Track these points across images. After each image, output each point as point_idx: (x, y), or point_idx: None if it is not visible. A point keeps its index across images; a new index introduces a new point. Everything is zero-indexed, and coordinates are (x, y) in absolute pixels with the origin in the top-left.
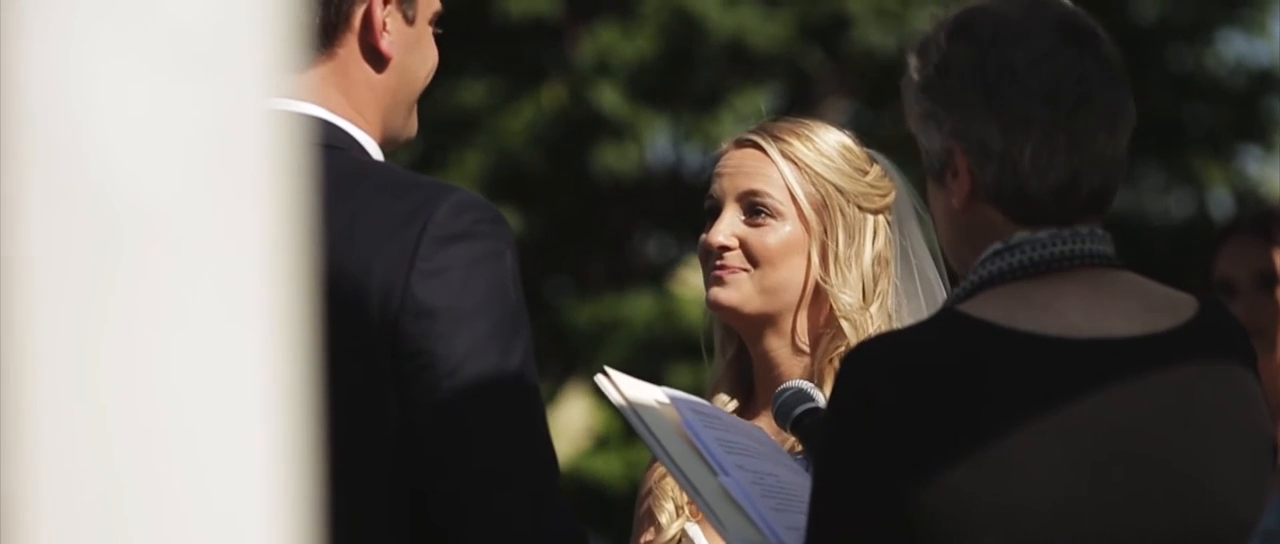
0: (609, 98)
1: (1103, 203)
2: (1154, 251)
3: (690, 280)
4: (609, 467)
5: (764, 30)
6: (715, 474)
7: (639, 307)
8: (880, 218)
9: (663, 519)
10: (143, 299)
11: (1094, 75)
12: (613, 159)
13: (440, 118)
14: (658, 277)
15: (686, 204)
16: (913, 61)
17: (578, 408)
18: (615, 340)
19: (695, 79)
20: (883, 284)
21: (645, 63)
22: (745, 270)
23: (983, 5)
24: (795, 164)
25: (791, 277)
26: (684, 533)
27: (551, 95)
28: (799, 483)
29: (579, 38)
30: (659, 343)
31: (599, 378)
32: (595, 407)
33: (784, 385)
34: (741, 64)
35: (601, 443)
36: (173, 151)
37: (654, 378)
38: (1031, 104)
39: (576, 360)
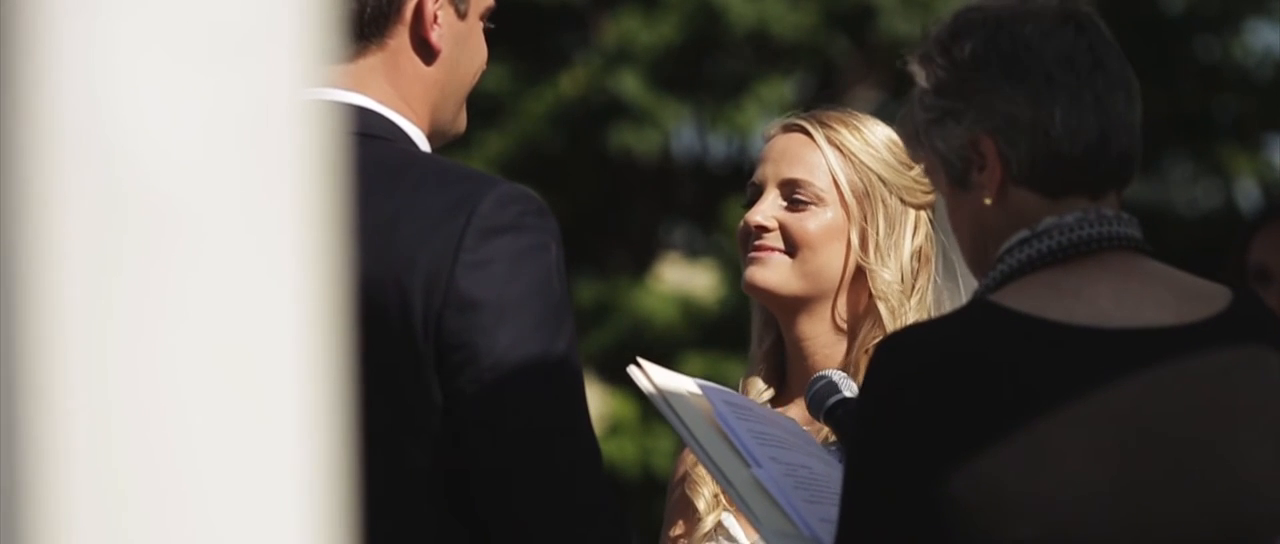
0: (630, 84)
1: (1128, 170)
2: (1181, 242)
3: (666, 276)
4: (623, 451)
5: (789, 19)
6: (747, 465)
7: (627, 296)
8: (922, 214)
9: (700, 506)
10: (176, 292)
11: (1099, 46)
12: (631, 140)
13: None
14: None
15: (711, 193)
16: (918, 71)
17: (590, 393)
18: (611, 325)
19: (719, 67)
20: (922, 280)
21: (668, 50)
22: (784, 253)
23: (975, 4)
24: (840, 151)
25: (830, 261)
26: (720, 524)
27: (572, 81)
28: (831, 475)
29: (602, 24)
30: (638, 334)
31: (631, 368)
32: (608, 391)
33: (817, 375)
34: (767, 52)
35: (615, 428)
36: (207, 145)
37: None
38: (1053, 69)
39: (580, 342)
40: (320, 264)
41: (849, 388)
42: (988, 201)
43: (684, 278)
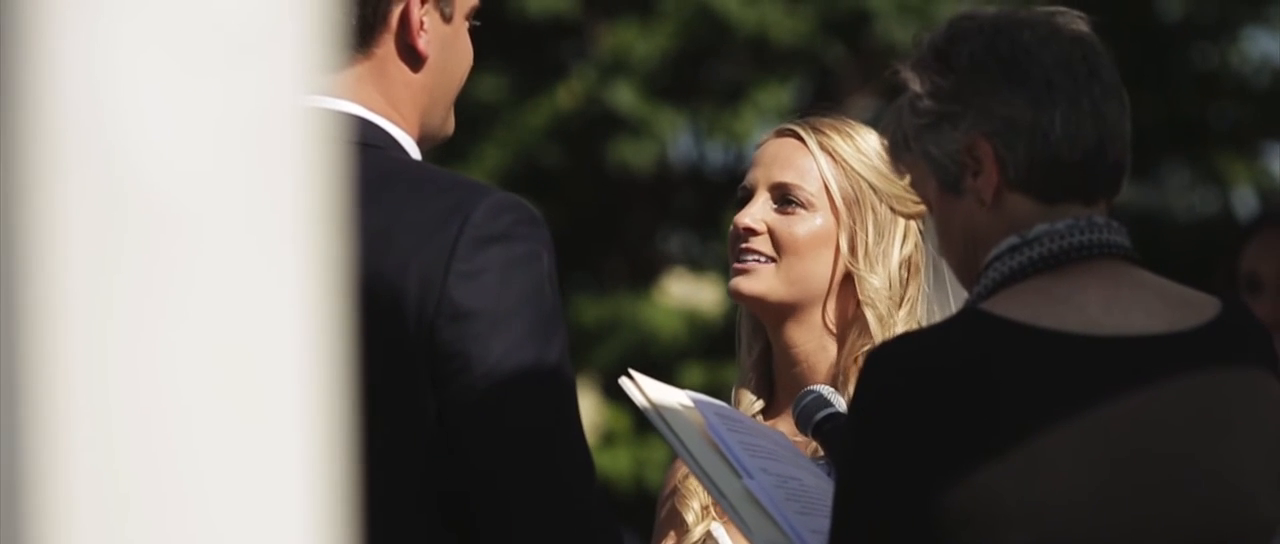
0: (625, 96)
1: (1119, 178)
2: (1178, 249)
3: (672, 289)
4: (617, 464)
5: (786, 25)
6: (739, 477)
7: (631, 308)
8: (912, 224)
9: (689, 518)
10: (177, 296)
11: (1093, 55)
12: (629, 153)
13: (458, 112)
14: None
15: (709, 201)
16: (911, 77)
17: (585, 405)
18: (615, 340)
19: (716, 74)
20: (912, 290)
21: (665, 59)
22: (770, 259)
23: (968, 12)
24: (832, 157)
25: (818, 268)
26: (709, 534)
27: (568, 94)
28: (822, 487)
29: (599, 35)
30: (643, 349)
31: (623, 380)
32: (604, 403)
33: (804, 391)
34: (764, 59)
35: (609, 439)
36: (207, 149)
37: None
38: (1053, 74)
39: (583, 356)
40: (321, 269)
41: (837, 402)
42: (983, 206)
43: (689, 292)
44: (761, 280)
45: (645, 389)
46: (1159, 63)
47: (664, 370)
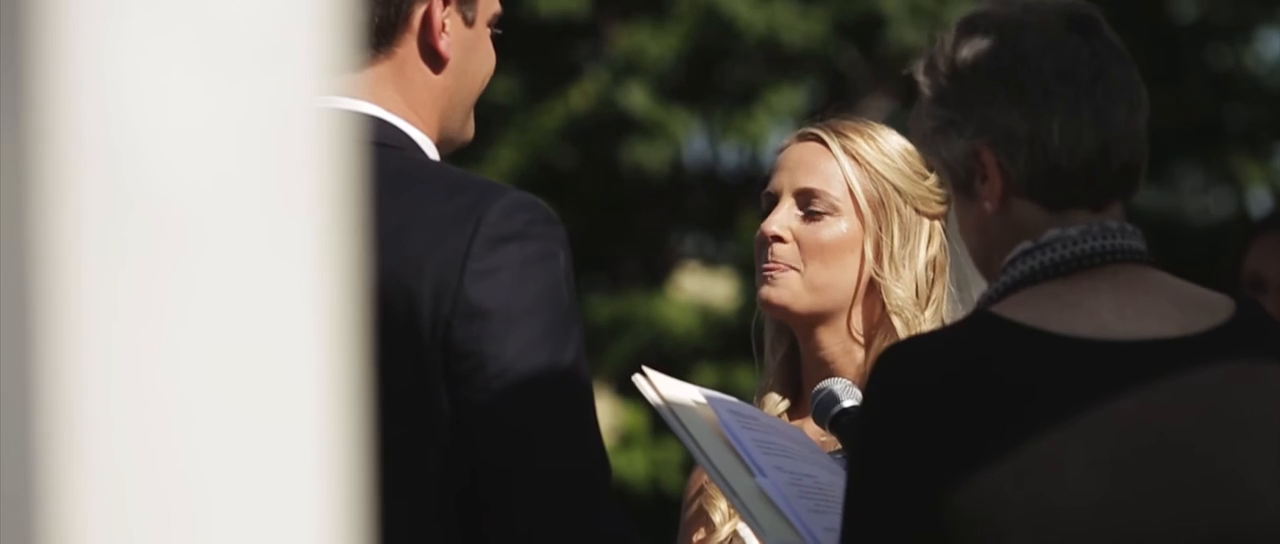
0: (638, 99)
1: (1133, 179)
2: (1192, 250)
3: (685, 285)
4: (634, 466)
5: (798, 28)
6: (752, 475)
7: (645, 306)
8: (936, 224)
9: (716, 518)
10: (190, 299)
11: (1103, 53)
12: (642, 154)
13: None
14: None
15: (723, 201)
16: (922, 80)
17: (601, 406)
18: (628, 337)
19: (729, 77)
20: (937, 290)
21: (678, 60)
22: (795, 268)
23: (980, 10)
24: (856, 160)
25: (843, 274)
26: (736, 534)
27: (582, 95)
28: (837, 484)
29: (611, 37)
30: (656, 345)
31: (636, 377)
32: (620, 404)
33: (821, 385)
34: (777, 61)
35: (626, 441)
36: (222, 151)
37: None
38: (1051, 83)
39: (596, 355)
40: (336, 271)
41: (851, 396)
42: (990, 208)
43: (703, 287)
44: (787, 289)
45: (659, 386)
46: (1173, 64)
47: (677, 369)
